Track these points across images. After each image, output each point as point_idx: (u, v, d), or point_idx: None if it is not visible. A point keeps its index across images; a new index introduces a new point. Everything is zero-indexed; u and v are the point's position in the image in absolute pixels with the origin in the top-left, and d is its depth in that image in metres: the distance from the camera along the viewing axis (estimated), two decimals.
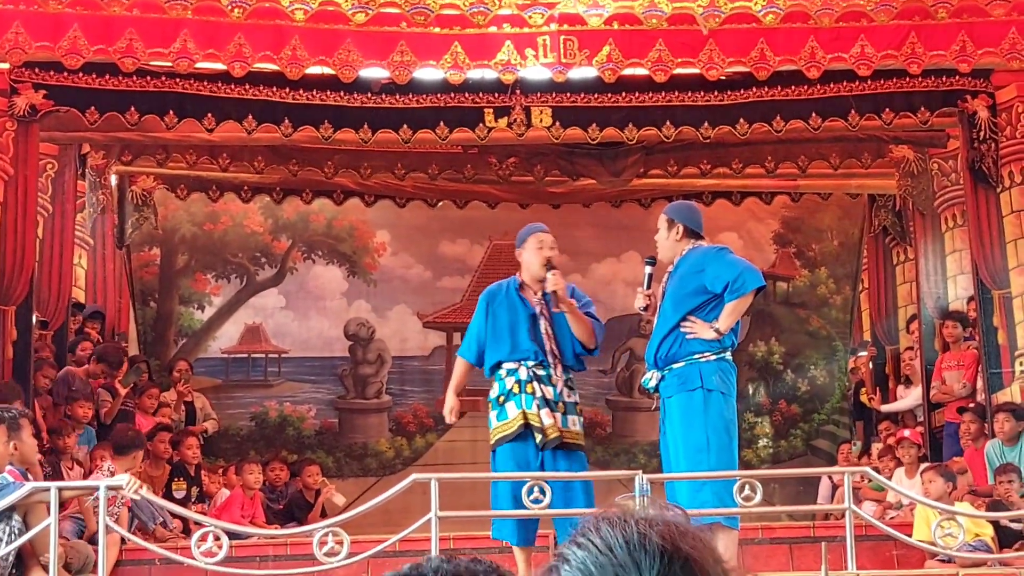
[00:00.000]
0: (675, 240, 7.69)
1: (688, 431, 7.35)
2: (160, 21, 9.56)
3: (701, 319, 7.40)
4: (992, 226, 11.46)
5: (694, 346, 7.37)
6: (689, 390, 7.35)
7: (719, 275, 7.38)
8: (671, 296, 7.57)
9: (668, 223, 7.74)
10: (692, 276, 7.49)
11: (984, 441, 10.84)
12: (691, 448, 7.33)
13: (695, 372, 7.36)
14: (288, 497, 11.98)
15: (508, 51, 9.76)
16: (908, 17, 9.86)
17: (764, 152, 13.12)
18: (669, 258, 7.75)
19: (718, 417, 7.34)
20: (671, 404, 7.47)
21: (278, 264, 15.38)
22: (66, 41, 9.46)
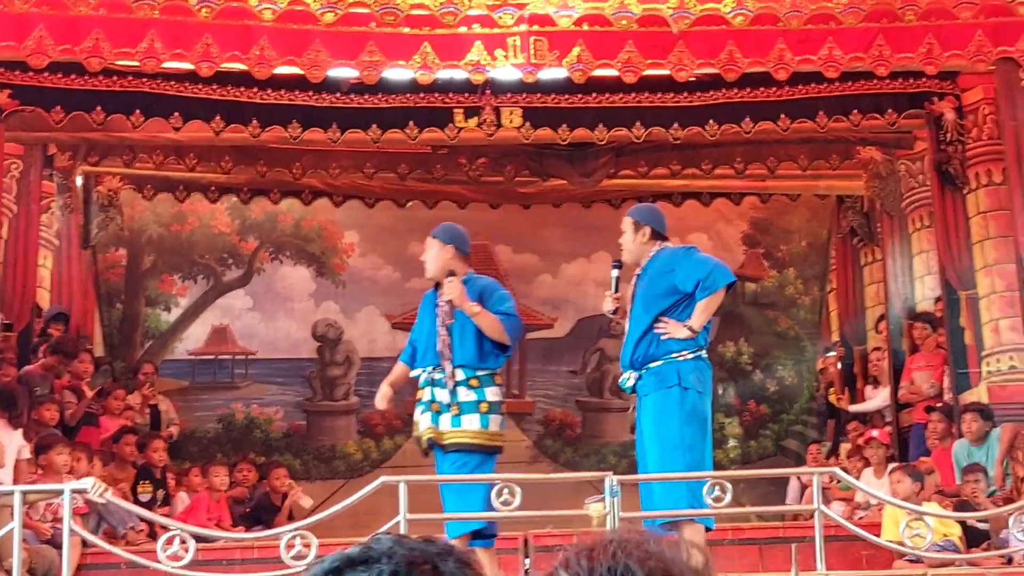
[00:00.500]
0: (642, 242, 7.72)
1: (663, 428, 7.35)
2: (127, 21, 9.48)
3: (674, 319, 7.40)
4: (959, 227, 11.52)
5: (671, 345, 7.39)
6: (666, 387, 7.36)
7: (689, 274, 7.40)
8: (642, 298, 7.58)
9: (634, 225, 7.77)
10: (662, 277, 7.50)
11: (951, 441, 10.88)
12: (665, 445, 7.33)
13: (673, 370, 7.37)
14: (255, 500, 11.92)
15: (478, 51, 9.73)
16: (876, 19, 9.88)
17: (733, 153, 13.14)
18: (636, 260, 7.77)
19: (693, 415, 7.35)
20: (647, 402, 7.47)
21: (245, 265, 15.32)
22: (31, 40, 9.38)
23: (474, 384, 7.75)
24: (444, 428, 7.69)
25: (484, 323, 7.73)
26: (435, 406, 7.74)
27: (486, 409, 7.77)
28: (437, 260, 7.92)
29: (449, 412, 7.69)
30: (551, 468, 14.57)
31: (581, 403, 15.44)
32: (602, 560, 1.65)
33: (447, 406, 7.70)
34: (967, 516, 8.92)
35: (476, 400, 7.74)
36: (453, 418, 7.68)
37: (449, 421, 7.69)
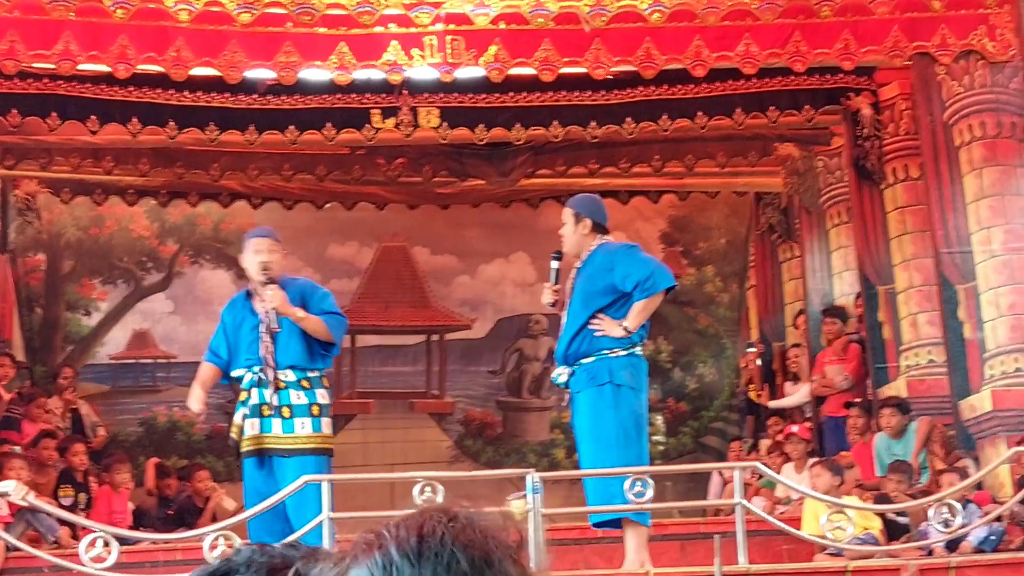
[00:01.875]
0: (582, 235, 7.68)
1: (597, 426, 7.36)
2: (41, 22, 9.37)
3: (610, 316, 7.40)
4: (876, 222, 11.63)
5: (604, 342, 7.38)
6: (599, 385, 7.36)
7: (629, 274, 7.39)
8: (580, 292, 7.56)
9: (575, 217, 7.72)
10: (602, 274, 7.48)
11: (871, 435, 10.98)
12: (600, 443, 7.34)
13: (604, 367, 7.37)
14: (178, 503, 11.83)
15: (395, 51, 9.71)
16: (792, 16, 9.96)
17: (651, 151, 13.19)
18: (576, 252, 7.73)
19: (628, 412, 7.36)
20: (580, 399, 7.47)
21: (165, 268, 15.18)
22: None
23: (305, 386, 7.72)
24: (277, 433, 7.60)
25: (309, 326, 7.68)
26: (265, 409, 7.66)
27: (317, 412, 7.77)
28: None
29: (280, 416, 7.60)
30: (473, 468, 14.57)
31: (501, 403, 15.45)
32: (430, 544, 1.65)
33: (277, 409, 7.63)
34: (886, 508, 9.01)
35: (308, 403, 7.72)
36: (285, 422, 7.62)
37: (281, 426, 7.61)
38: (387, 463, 14.28)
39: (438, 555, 1.64)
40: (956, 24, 10.24)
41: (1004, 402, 9.98)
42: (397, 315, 15.41)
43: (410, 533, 1.66)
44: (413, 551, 1.65)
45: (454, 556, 1.65)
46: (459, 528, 1.68)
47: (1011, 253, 10.12)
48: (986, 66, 10.32)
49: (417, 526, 1.67)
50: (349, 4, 9.37)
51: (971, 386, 10.19)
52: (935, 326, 10.93)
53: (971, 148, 10.37)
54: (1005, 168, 10.32)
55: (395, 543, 1.66)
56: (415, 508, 1.64)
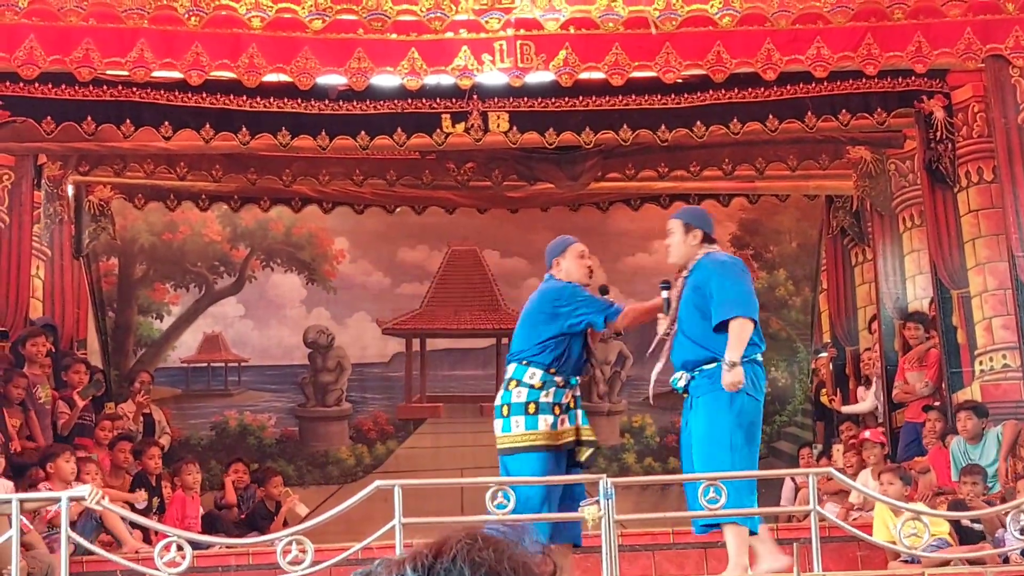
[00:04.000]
0: (692, 245, 7.70)
1: (713, 429, 7.36)
2: (116, 30, 9.47)
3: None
4: (950, 226, 11.53)
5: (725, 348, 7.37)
6: (719, 389, 7.34)
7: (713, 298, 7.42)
8: (691, 301, 7.57)
9: (684, 228, 7.73)
10: (702, 291, 7.51)
11: (949, 439, 10.87)
12: (714, 446, 7.34)
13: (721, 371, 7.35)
14: (250, 507, 11.93)
15: (465, 56, 9.73)
16: (864, 18, 9.89)
17: (721, 154, 13.15)
18: (684, 262, 7.75)
19: (744, 418, 7.36)
20: (700, 403, 7.47)
21: (237, 272, 15.30)
22: (22, 51, 9.37)
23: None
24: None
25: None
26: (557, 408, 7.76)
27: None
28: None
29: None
30: None
31: None
32: (444, 560, 1.79)
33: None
34: (961, 515, 8.93)
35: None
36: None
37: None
38: (457, 467, 14.31)
39: (448, 571, 1.78)
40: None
41: None
42: (467, 318, 15.45)
43: (430, 551, 1.81)
44: (425, 568, 1.79)
45: (462, 572, 1.78)
46: (475, 549, 1.81)
47: None
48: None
49: (438, 545, 1.82)
50: (420, 10, 9.41)
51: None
52: (1010, 330, 10.82)
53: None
54: None
55: (411, 562, 1.81)
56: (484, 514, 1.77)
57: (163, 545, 7.26)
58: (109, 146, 11.91)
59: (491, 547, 1.82)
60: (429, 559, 1.81)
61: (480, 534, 1.84)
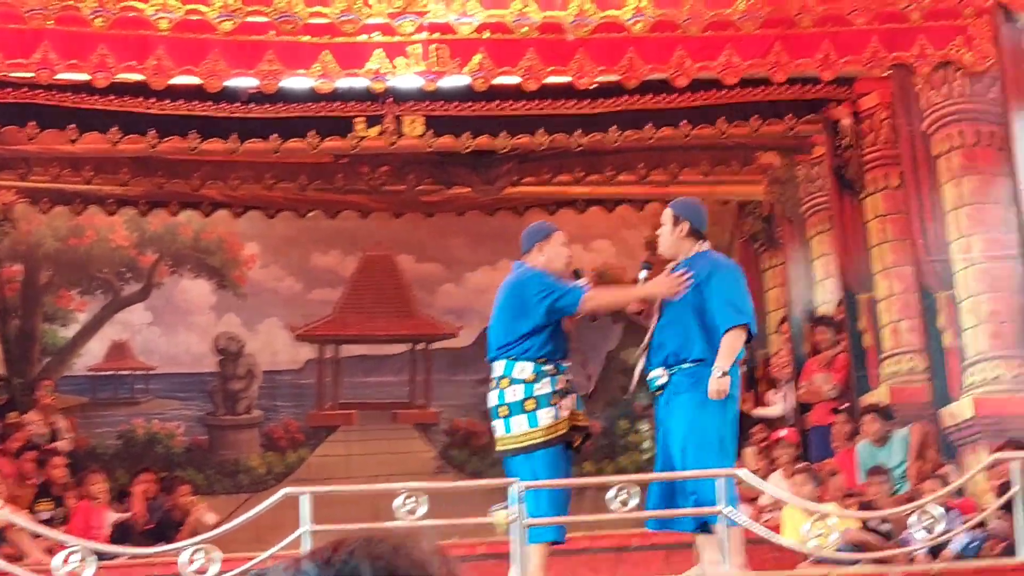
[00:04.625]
0: (679, 237, 7.60)
1: (698, 429, 7.28)
2: (19, 31, 9.33)
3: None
4: (857, 231, 11.68)
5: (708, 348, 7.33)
6: (703, 389, 7.25)
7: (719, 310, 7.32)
8: (686, 299, 7.44)
9: (674, 219, 7.65)
10: (696, 291, 7.40)
11: (855, 442, 10.98)
12: (702, 447, 7.27)
13: (707, 374, 7.27)
14: (158, 516, 11.76)
15: (378, 59, 9.69)
16: (773, 26, 9.98)
17: (636, 159, 13.21)
18: (671, 254, 7.66)
19: (728, 418, 7.33)
20: (679, 401, 7.37)
21: (144, 279, 15.10)
22: None
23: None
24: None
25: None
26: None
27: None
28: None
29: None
30: (457, 479, 14.51)
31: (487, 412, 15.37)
32: (341, 554, 1.82)
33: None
34: (868, 515, 9.01)
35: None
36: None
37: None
38: (370, 475, 14.21)
39: (344, 563, 1.81)
40: (934, 35, 10.29)
41: (984, 409, 10.03)
42: (381, 324, 15.37)
43: (328, 547, 1.84)
44: (323, 561, 1.82)
45: (357, 569, 1.80)
46: (373, 545, 1.83)
47: (990, 261, 10.18)
48: (964, 76, 10.39)
49: (337, 542, 1.85)
50: (332, 13, 9.34)
51: (951, 393, 10.25)
52: (915, 333, 10.97)
53: (950, 157, 10.43)
54: (984, 177, 10.38)
55: (310, 557, 1.84)
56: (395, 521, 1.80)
57: (64, 555, 7.13)
58: (13, 149, 11.75)
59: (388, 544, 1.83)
60: (327, 554, 1.82)
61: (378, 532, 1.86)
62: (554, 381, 7.49)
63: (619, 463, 15.20)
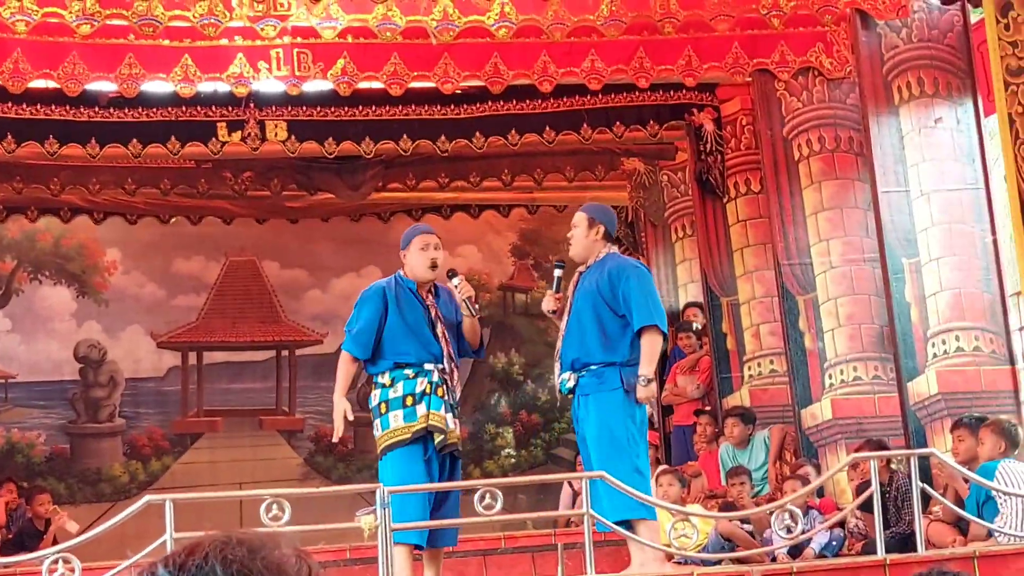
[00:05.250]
0: (594, 239, 7.61)
1: (608, 430, 7.30)
2: None
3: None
4: (719, 235, 11.83)
5: (613, 349, 7.35)
6: (610, 389, 7.30)
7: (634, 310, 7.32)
8: (588, 299, 7.48)
9: (589, 222, 7.64)
10: (608, 292, 7.40)
11: (718, 444, 11.12)
12: (613, 446, 7.27)
13: (615, 373, 7.31)
14: (18, 526, 11.55)
15: (241, 64, 9.62)
16: (637, 32, 10.08)
17: (501, 165, 13.26)
18: (583, 257, 7.66)
19: (637, 417, 7.35)
20: (589, 402, 7.39)
21: (3, 285, 14.81)
22: None
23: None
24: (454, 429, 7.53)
25: (475, 326, 7.64)
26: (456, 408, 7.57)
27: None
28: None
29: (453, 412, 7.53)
30: (323, 484, 14.44)
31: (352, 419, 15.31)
32: (195, 558, 1.82)
33: (455, 408, 7.56)
34: (730, 516, 9.13)
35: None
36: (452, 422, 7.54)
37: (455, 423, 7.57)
38: (236, 482, 14.10)
39: (199, 567, 1.81)
40: (794, 41, 10.48)
41: (843, 410, 10.22)
42: (245, 330, 15.24)
43: (183, 550, 1.84)
44: (176, 565, 1.82)
45: (213, 569, 1.81)
46: (228, 547, 1.84)
47: (849, 265, 10.37)
48: (824, 82, 10.59)
49: (191, 545, 1.85)
50: (193, 16, 9.23)
51: (812, 395, 10.41)
52: (777, 336, 11.14)
53: (810, 162, 10.62)
54: (843, 182, 10.58)
55: (163, 561, 1.84)
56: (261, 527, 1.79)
57: None
58: None
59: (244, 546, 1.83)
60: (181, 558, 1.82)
61: (235, 535, 1.86)
62: (410, 384, 7.49)
63: (485, 467, 15.24)
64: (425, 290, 7.70)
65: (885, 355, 10.08)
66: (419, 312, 7.62)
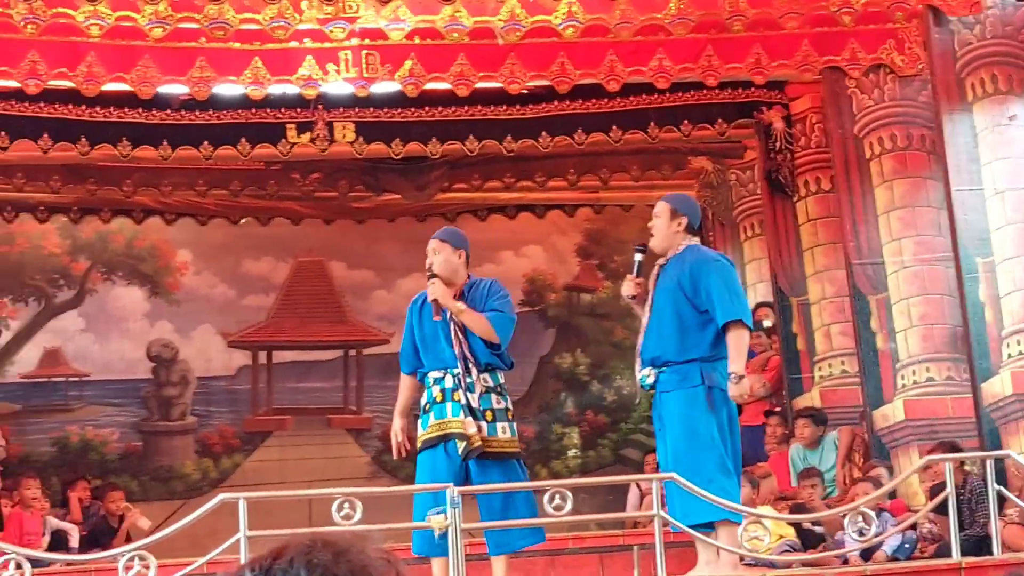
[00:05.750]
0: (675, 231, 7.50)
1: (692, 427, 7.21)
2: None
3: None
4: (789, 235, 11.76)
5: (695, 344, 7.26)
6: (691, 386, 7.22)
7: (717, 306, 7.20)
8: (668, 294, 7.39)
9: (671, 213, 7.54)
10: (690, 287, 7.30)
11: (788, 445, 11.05)
12: (699, 443, 7.20)
13: (696, 370, 7.23)
14: (92, 523, 11.69)
15: (310, 66, 9.68)
16: (705, 30, 10.03)
17: (566, 165, 13.26)
18: (664, 249, 7.55)
19: (721, 414, 7.25)
20: (670, 399, 7.33)
21: (77, 286, 14.98)
22: None
23: (500, 391, 7.57)
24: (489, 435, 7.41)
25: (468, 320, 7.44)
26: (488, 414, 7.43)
27: (512, 417, 7.59)
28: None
29: (485, 419, 7.40)
30: (391, 483, 14.48)
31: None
32: (281, 563, 1.84)
33: (480, 412, 7.42)
34: (803, 518, 9.09)
35: (507, 408, 7.55)
36: (488, 425, 7.40)
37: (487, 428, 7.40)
38: (305, 480, 14.18)
39: (284, 572, 1.83)
40: (865, 38, 10.39)
41: (916, 411, 10.12)
42: (313, 330, 15.33)
43: (268, 555, 1.86)
44: (262, 569, 1.84)
45: (298, 574, 1.82)
46: (313, 551, 1.85)
47: (921, 264, 10.28)
48: (895, 79, 10.49)
49: (277, 550, 1.87)
50: (263, 19, 9.30)
51: (884, 396, 10.33)
52: (848, 337, 11.05)
53: (881, 160, 10.53)
54: (915, 180, 10.48)
55: (249, 565, 1.85)
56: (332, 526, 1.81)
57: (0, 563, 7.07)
58: None
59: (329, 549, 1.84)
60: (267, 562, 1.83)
61: (321, 538, 1.87)
62: (428, 393, 7.53)
63: (552, 467, 15.23)
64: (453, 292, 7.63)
65: (958, 356, 9.98)
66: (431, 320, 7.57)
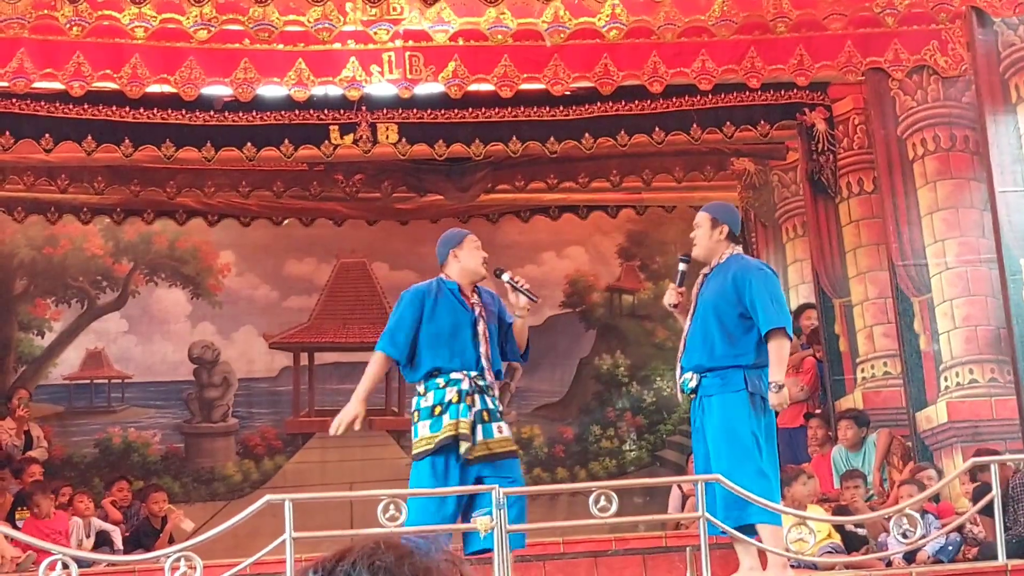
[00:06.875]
0: (718, 239, 7.58)
1: (734, 431, 7.24)
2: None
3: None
4: (832, 236, 11.71)
5: (738, 350, 7.30)
6: (734, 391, 7.24)
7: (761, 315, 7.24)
8: (711, 302, 7.43)
9: (712, 222, 7.62)
10: (733, 294, 7.35)
11: (830, 447, 11.01)
12: (740, 447, 7.23)
13: (739, 375, 7.27)
14: (135, 524, 11.74)
15: (353, 67, 9.70)
16: (748, 32, 10.01)
17: (609, 166, 13.25)
18: (707, 258, 7.63)
19: (762, 420, 7.27)
20: (712, 403, 7.35)
21: (120, 287, 15.07)
22: None
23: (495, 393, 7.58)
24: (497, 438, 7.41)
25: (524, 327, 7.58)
26: (485, 415, 7.40)
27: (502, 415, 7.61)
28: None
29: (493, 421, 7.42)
30: None
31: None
32: (344, 564, 1.86)
33: (494, 414, 7.45)
34: (847, 520, 9.05)
35: (500, 409, 7.57)
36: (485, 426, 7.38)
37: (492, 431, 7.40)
38: (346, 481, 14.22)
39: (347, 574, 1.86)
40: (908, 39, 10.33)
41: (959, 413, 10.06)
42: (356, 332, 15.35)
43: (332, 556, 1.88)
44: (326, 571, 1.87)
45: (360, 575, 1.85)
46: (376, 554, 1.87)
47: (965, 265, 10.22)
48: (938, 80, 10.43)
49: (341, 551, 1.89)
50: (307, 21, 9.34)
51: (927, 397, 10.27)
52: (891, 338, 11.00)
53: (924, 161, 10.47)
54: (958, 181, 10.42)
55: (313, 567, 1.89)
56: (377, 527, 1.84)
57: (48, 564, 7.12)
58: None
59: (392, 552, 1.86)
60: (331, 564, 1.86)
61: (383, 540, 1.89)
62: (440, 394, 7.46)
63: (591, 469, 15.22)
64: (470, 291, 7.67)
65: (1002, 357, 9.91)
66: (460, 314, 7.57)
